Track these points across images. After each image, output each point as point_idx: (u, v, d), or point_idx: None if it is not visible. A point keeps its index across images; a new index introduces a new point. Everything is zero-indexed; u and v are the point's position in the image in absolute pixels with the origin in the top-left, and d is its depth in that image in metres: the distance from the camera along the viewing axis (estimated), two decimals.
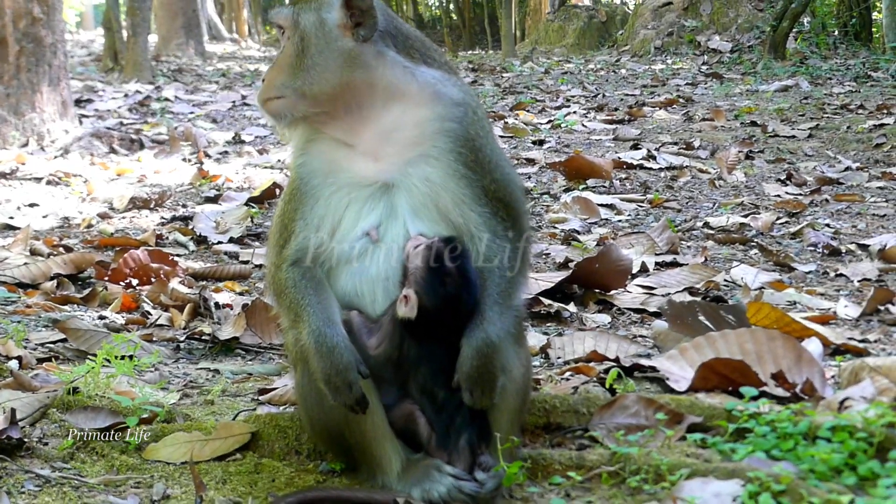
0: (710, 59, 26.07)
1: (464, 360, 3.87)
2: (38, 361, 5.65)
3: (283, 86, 4.02)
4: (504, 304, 3.96)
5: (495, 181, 4.04)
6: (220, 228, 9.19)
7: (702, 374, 4.95)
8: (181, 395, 5.22)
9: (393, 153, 4.01)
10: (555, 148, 13.76)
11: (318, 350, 3.88)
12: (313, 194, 4.06)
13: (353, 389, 3.84)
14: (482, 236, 4.00)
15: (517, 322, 4.07)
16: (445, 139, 4.01)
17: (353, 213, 4.02)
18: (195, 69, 29.41)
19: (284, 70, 4.03)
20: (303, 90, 3.99)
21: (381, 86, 4.02)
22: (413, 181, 4.00)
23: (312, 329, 3.90)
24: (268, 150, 14.08)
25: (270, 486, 4.08)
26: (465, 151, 4.01)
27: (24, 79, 13.56)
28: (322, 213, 4.04)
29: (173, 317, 6.63)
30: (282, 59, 4.06)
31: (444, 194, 4.00)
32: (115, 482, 4.08)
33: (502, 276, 3.99)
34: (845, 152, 13.02)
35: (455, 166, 4.00)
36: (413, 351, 3.96)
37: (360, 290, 4.03)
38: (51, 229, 9.44)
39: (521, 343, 4.13)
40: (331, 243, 4.02)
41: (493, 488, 3.89)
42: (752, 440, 4.11)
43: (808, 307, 6.62)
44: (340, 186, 4.03)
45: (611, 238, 8.57)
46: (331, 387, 3.87)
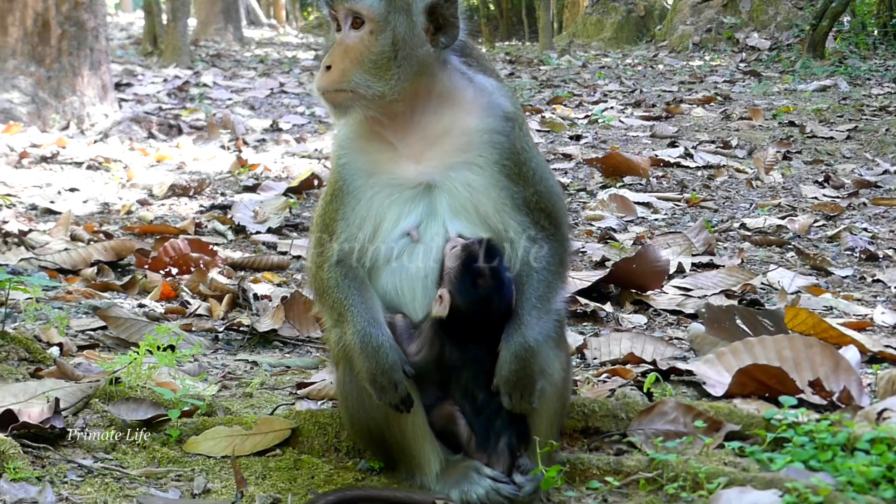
0: (748, 56, 25.90)
1: (502, 363, 3.89)
2: (78, 349, 5.72)
3: (356, 81, 3.93)
4: (542, 308, 3.98)
5: (538, 193, 4.06)
6: (258, 218, 9.24)
7: (739, 379, 4.96)
8: (220, 386, 5.26)
9: (436, 157, 4.02)
10: (591, 143, 13.74)
11: (363, 350, 3.91)
12: (355, 195, 4.07)
13: (398, 389, 3.88)
14: (520, 241, 4.02)
15: (557, 326, 4.08)
16: (492, 150, 4.02)
17: (395, 213, 4.04)
18: (233, 55, 29.50)
19: (362, 65, 3.94)
20: (380, 91, 3.94)
21: (439, 91, 4.03)
22: (455, 184, 4.02)
23: (358, 329, 3.93)
24: (305, 139, 14.12)
25: (310, 483, 4.12)
26: (510, 164, 4.03)
27: (65, 62, 13.67)
28: (364, 214, 4.05)
29: (212, 307, 6.68)
30: (359, 52, 3.94)
31: (485, 200, 4.02)
32: (156, 475, 4.13)
33: (541, 280, 4.01)
34: (884, 155, 12.96)
35: (498, 177, 4.01)
36: (455, 354, 3.98)
37: (401, 289, 4.06)
38: (91, 215, 9.51)
39: (560, 347, 4.14)
40: (372, 243, 4.05)
41: (531, 491, 3.92)
42: (790, 450, 4.11)
43: (844, 313, 6.63)
44: (383, 187, 4.05)
45: (647, 237, 8.58)
46: (376, 386, 3.90)
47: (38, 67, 13.67)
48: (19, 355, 5.12)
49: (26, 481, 3.88)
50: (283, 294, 6.73)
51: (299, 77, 22.61)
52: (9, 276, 5.18)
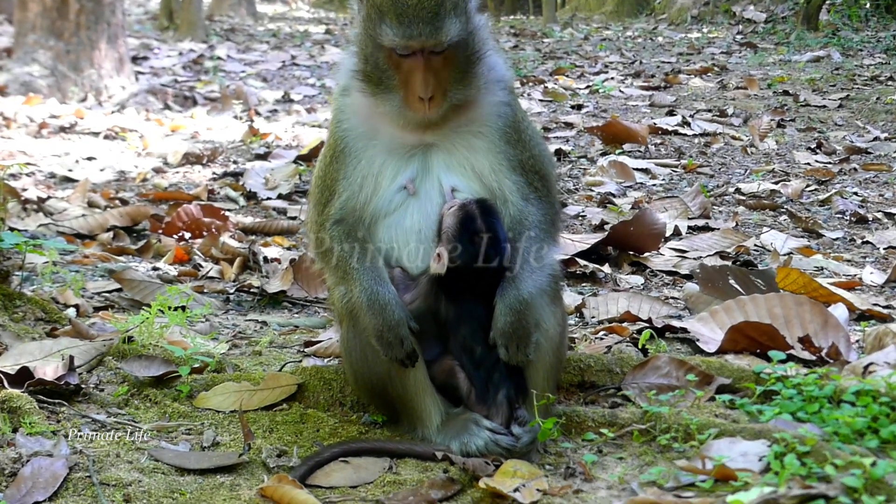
0: (744, 28, 25.92)
1: (498, 316, 4.00)
2: (94, 310, 5.85)
3: (453, 95, 4.06)
4: (536, 264, 4.09)
5: (533, 157, 4.22)
6: (269, 185, 9.35)
7: (731, 336, 5.07)
8: (230, 345, 5.39)
9: (443, 124, 4.13)
10: (592, 112, 13.85)
11: (370, 307, 4.03)
12: (356, 155, 4.19)
13: (404, 344, 4.00)
14: (515, 200, 4.15)
15: (552, 281, 4.18)
16: (497, 120, 4.19)
17: (392, 169, 4.15)
18: (247, 29, 29.45)
19: (453, 79, 4.05)
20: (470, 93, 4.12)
21: None
22: (454, 144, 4.15)
23: (364, 287, 4.05)
24: (315, 109, 14.20)
25: (315, 436, 4.23)
26: (511, 131, 4.19)
27: (83, 36, 13.79)
28: (364, 172, 4.17)
29: (223, 270, 6.81)
30: (448, 71, 4.03)
31: (483, 161, 4.15)
32: (167, 429, 4.25)
33: (534, 238, 4.12)
34: (874, 122, 13.05)
35: (499, 143, 4.17)
36: (452, 310, 4.09)
37: (396, 242, 4.17)
38: (107, 182, 9.63)
39: (556, 302, 4.25)
40: (371, 199, 4.16)
41: (528, 442, 4.03)
42: (778, 402, 4.22)
43: (834, 273, 6.75)
44: (383, 147, 4.17)
45: (645, 202, 8.67)
46: (383, 342, 4.02)
47: (57, 41, 13.78)
48: (36, 315, 5.24)
49: (42, 435, 4.00)
50: (291, 257, 6.85)
51: (310, 50, 22.61)
52: (26, 239, 5.28)
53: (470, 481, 3.82)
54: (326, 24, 32.32)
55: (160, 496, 3.71)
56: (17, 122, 12.09)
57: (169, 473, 3.88)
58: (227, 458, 3.98)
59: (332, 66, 19.02)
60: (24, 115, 12.41)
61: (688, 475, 3.74)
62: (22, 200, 8.21)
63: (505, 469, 3.84)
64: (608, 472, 3.92)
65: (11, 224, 7.42)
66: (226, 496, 3.73)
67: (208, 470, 3.92)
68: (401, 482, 3.87)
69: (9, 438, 3.95)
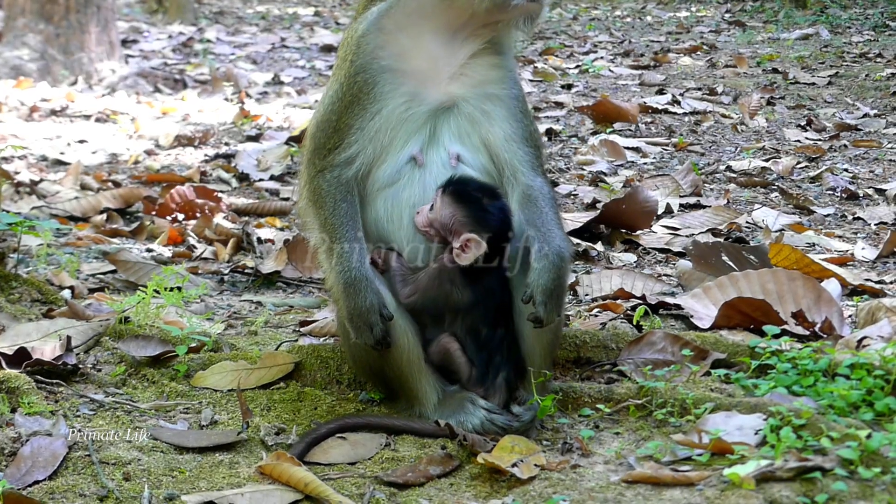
0: (733, 7, 25.89)
1: (539, 274, 3.95)
2: (89, 291, 5.85)
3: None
4: (560, 226, 4.11)
5: (533, 130, 4.25)
6: (261, 166, 9.35)
7: (724, 312, 5.09)
8: (226, 325, 5.39)
9: (467, 79, 4.17)
10: (583, 92, 13.84)
11: (345, 290, 4.03)
12: (378, 100, 4.12)
13: (373, 331, 4.00)
14: (525, 171, 4.15)
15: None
16: (513, 85, 4.23)
17: (404, 135, 4.13)
18: (236, 11, 29.36)
19: None
20: None
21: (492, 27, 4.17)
22: (471, 109, 4.16)
23: (344, 268, 4.04)
24: (306, 91, 14.17)
25: (312, 414, 4.25)
26: (520, 102, 4.23)
27: (73, 19, 13.75)
28: (379, 126, 4.12)
29: (217, 250, 6.81)
30: None
31: (497, 130, 4.17)
32: (165, 407, 4.27)
33: (549, 205, 4.13)
34: (863, 99, 13.08)
35: (514, 111, 4.19)
36: (466, 294, 4.08)
37: (390, 216, 4.16)
38: (100, 165, 9.60)
39: None
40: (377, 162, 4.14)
41: (528, 420, 4.05)
42: (773, 376, 4.24)
43: (826, 249, 6.78)
44: (406, 99, 4.13)
45: (637, 180, 8.68)
46: (353, 325, 4.04)
47: (47, 25, 13.74)
48: (32, 297, 5.26)
49: (40, 415, 4.01)
50: (285, 238, 6.87)
51: (300, 32, 22.54)
52: (21, 220, 5.29)
53: (468, 457, 3.84)
54: (315, 6, 32.22)
55: (159, 474, 3.73)
56: (8, 106, 12.05)
57: (168, 452, 3.90)
58: (226, 436, 4.00)
59: (321, 47, 19.00)
60: (14, 98, 12.38)
61: (684, 449, 3.76)
62: (15, 183, 8.20)
63: (503, 444, 3.86)
64: (605, 447, 3.94)
65: (5, 207, 7.39)
66: (225, 474, 3.75)
67: (207, 448, 3.93)
68: (399, 458, 3.89)
69: (8, 418, 3.97)
